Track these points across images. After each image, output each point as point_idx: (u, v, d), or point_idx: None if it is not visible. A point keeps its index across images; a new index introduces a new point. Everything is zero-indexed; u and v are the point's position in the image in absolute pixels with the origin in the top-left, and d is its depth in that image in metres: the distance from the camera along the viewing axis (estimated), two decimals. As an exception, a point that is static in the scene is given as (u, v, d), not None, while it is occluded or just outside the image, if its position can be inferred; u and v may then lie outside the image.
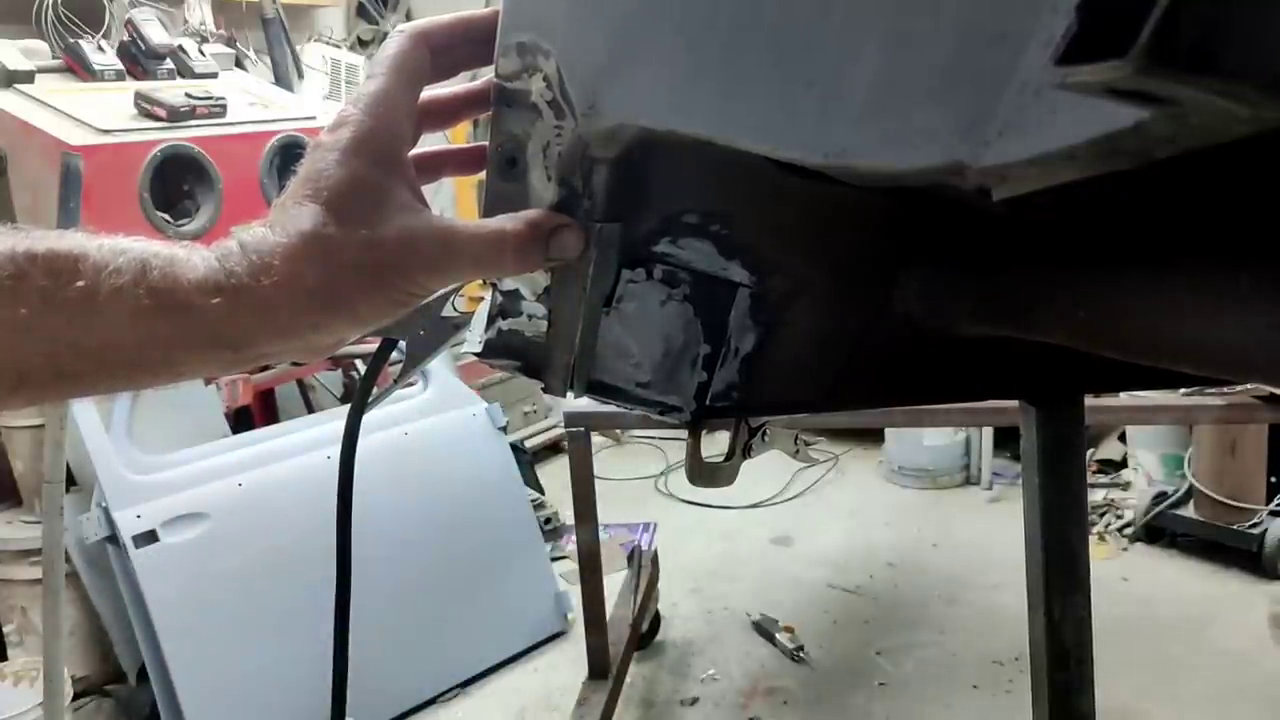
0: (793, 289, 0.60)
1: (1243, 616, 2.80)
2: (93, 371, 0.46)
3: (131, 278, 0.44)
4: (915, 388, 0.67)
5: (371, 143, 0.48)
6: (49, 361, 0.45)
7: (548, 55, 0.47)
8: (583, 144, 0.49)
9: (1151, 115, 0.28)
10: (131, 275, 0.44)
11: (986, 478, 3.76)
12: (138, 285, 0.44)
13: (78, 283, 0.44)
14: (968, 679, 2.59)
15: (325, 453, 2.52)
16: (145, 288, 0.44)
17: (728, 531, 3.50)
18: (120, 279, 0.44)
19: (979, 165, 0.35)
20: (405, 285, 0.48)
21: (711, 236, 0.57)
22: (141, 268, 0.45)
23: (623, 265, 0.56)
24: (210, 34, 3.08)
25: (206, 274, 0.45)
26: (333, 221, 0.46)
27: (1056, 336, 0.54)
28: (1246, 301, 0.40)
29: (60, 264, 0.44)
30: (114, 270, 0.44)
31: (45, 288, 0.43)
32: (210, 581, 2.28)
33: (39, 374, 0.45)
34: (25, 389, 0.45)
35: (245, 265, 0.45)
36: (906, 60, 0.36)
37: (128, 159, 2.22)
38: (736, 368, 0.61)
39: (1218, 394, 2.04)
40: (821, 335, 0.62)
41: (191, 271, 0.45)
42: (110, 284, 0.44)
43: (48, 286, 0.44)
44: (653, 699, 2.62)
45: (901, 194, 0.54)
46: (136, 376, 0.48)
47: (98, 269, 0.44)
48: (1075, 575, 0.85)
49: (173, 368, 0.47)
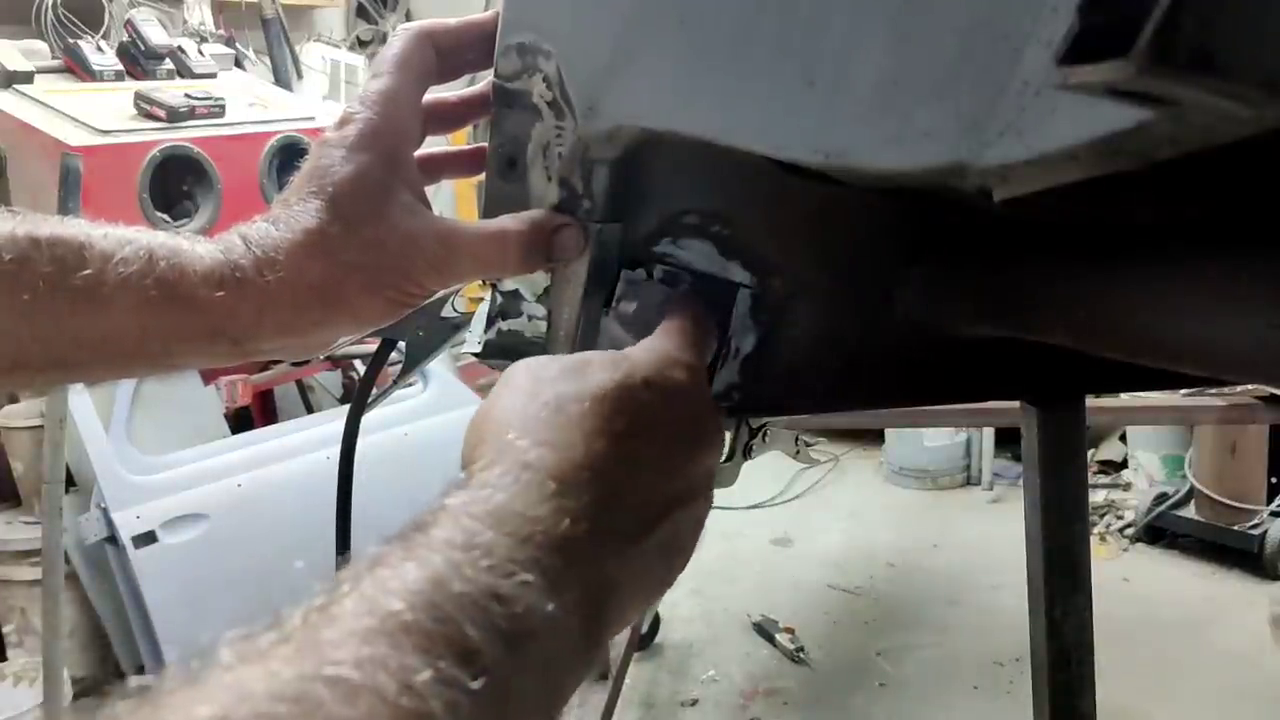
0: (793, 289, 0.60)
1: (1243, 617, 2.80)
2: (90, 360, 0.46)
3: (139, 268, 0.44)
4: (916, 388, 0.67)
5: (376, 140, 0.47)
6: (46, 348, 0.44)
7: (548, 56, 0.47)
8: (583, 145, 0.49)
9: (1152, 116, 0.28)
10: (139, 266, 0.44)
11: (987, 478, 3.76)
12: (145, 276, 0.44)
13: (84, 271, 0.43)
14: (968, 680, 2.59)
15: (325, 453, 2.51)
16: (153, 279, 0.44)
17: (728, 532, 3.49)
18: (128, 269, 0.44)
19: (980, 165, 0.35)
20: (406, 286, 0.48)
21: (712, 237, 0.57)
22: (149, 258, 0.44)
23: (623, 265, 0.56)
24: (210, 34, 3.09)
25: (212, 266, 0.45)
26: (336, 219, 0.46)
27: (1057, 337, 0.54)
28: (1247, 301, 0.40)
29: (64, 250, 0.44)
30: (121, 260, 0.44)
31: (50, 274, 0.43)
32: (210, 582, 2.28)
33: (35, 360, 0.45)
34: (19, 373, 0.45)
35: (250, 259, 0.45)
36: (907, 60, 0.36)
37: (127, 159, 2.23)
38: (737, 368, 0.61)
39: (1218, 394, 2.03)
40: (822, 336, 0.62)
41: (197, 263, 0.45)
42: (117, 273, 0.44)
43: (52, 273, 0.43)
44: (653, 700, 2.62)
45: (902, 194, 0.54)
46: (133, 366, 0.48)
47: (105, 258, 0.44)
48: (1076, 576, 0.85)
49: (171, 358, 0.47)
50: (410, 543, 0.32)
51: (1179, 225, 0.45)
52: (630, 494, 0.38)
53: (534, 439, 0.37)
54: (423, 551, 0.31)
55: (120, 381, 2.02)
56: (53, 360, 0.45)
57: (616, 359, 0.42)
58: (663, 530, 0.40)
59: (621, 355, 0.42)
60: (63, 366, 0.46)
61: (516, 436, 0.37)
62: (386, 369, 0.71)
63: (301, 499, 2.41)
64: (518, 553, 0.32)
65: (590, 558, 0.35)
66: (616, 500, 0.37)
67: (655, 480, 0.40)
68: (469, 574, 0.31)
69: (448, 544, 0.32)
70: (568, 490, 0.36)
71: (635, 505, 0.38)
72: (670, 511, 0.40)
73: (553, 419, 0.38)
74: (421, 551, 0.31)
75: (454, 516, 0.33)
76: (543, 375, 0.41)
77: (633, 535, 0.38)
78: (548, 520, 0.34)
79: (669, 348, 0.44)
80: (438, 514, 0.34)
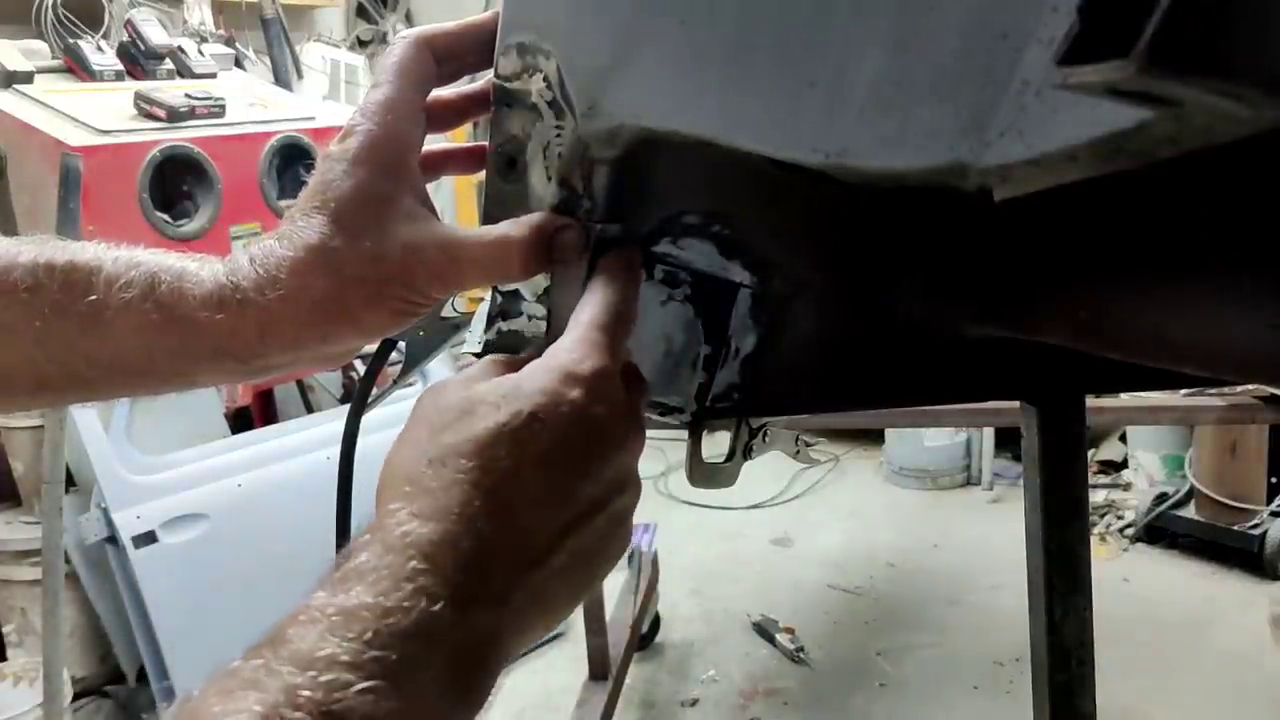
0: (794, 289, 0.60)
1: (1243, 617, 2.80)
2: (106, 378, 0.48)
3: (140, 292, 0.46)
4: (916, 388, 0.67)
5: (378, 152, 0.48)
6: (64, 369, 0.47)
7: (548, 55, 0.47)
8: (583, 144, 0.49)
9: (1153, 115, 0.28)
10: (140, 290, 0.46)
11: (987, 478, 3.76)
12: (145, 300, 0.46)
13: (90, 296, 0.46)
14: (968, 680, 2.59)
15: (325, 453, 2.51)
16: (152, 302, 0.46)
17: (728, 532, 3.49)
18: (129, 293, 0.46)
19: (980, 165, 0.35)
20: (410, 296, 0.48)
21: (712, 237, 0.57)
22: (150, 282, 0.46)
23: (623, 266, 0.56)
24: (210, 34, 3.08)
25: (213, 289, 0.46)
26: (339, 234, 0.46)
27: (1058, 337, 0.54)
28: (1248, 301, 0.40)
29: (76, 277, 0.46)
30: (125, 284, 0.46)
31: (59, 300, 0.46)
32: (209, 582, 2.28)
33: (56, 380, 0.48)
34: (45, 393, 0.48)
35: (252, 279, 0.46)
36: (908, 60, 0.36)
37: (127, 159, 2.22)
38: (737, 368, 0.61)
39: (1218, 394, 2.03)
40: (822, 336, 0.62)
41: (198, 286, 0.46)
42: (120, 298, 0.46)
43: (61, 299, 0.46)
44: (653, 700, 2.62)
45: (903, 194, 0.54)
46: (149, 384, 0.50)
47: (109, 283, 0.46)
48: (1076, 576, 0.85)
49: (183, 377, 0.49)
50: (260, 660, 0.34)
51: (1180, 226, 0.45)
52: (512, 539, 0.40)
53: (411, 508, 0.39)
54: (263, 676, 0.33)
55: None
56: (71, 381, 0.48)
57: (506, 393, 0.42)
58: (564, 551, 0.41)
59: (512, 386, 0.43)
60: (81, 386, 0.48)
61: (398, 505, 0.39)
62: (386, 369, 0.71)
63: (301, 499, 2.41)
64: (364, 655, 0.34)
65: (455, 625, 0.37)
66: (491, 557, 0.39)
67: (545, 513, 0.41)
68: (304, 697, 0.32)
69: (292, 660, 0.34)
70: (434, 567, 0.37)
71: (518, 548, 0.40)
72: (575, 528, 0.42)
73: (433, 480, 0.40)
74: (262, 675, 0.33)
75: (310, 620, 0.35)
76: (436, 421, 0.42)
77: (519, 574, 0.40)
78: (406, 606, 0.36)
79: (564, 363, 0.44)
80: (299, 615, 0.36)
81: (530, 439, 0.41)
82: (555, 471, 0.41)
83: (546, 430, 0.41)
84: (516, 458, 0.40)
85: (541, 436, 0.41)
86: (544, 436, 0.41)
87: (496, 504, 0.39)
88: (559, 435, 0.42)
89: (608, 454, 0.44)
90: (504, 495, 0.40)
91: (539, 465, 0.41)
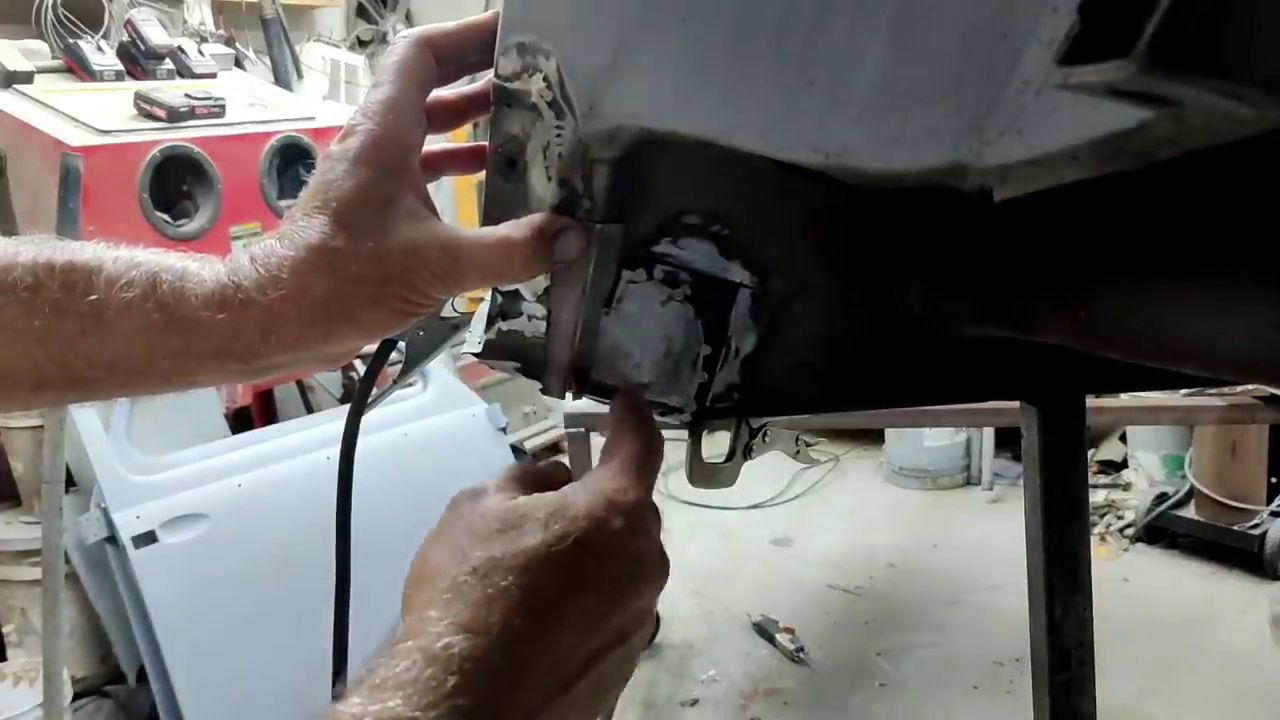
0: (793, 289, 0.60)
1: (1243, 617, 2.80)
2: (106, 379, 0.48)
3: (141, 292, 0.46)
4: (916, 388, 0.67)
5: (379, 151, 0.48)
6: (64, 369, 0.47)
7: (548, 55, 0.47)
8: (583, 145, 0.49)
9: (1153, 115, 0.28)
10: (141, 289, 0.46)
11: (987, 478, 3.76)
12: (146, 300, 0.46)
13: (90, 296, 0.46)
14: (968, 680, 2.59)
15: (325, 453, 2.51)
16: (154, 302, 0.46)
17: (728, 532, 3.50)
18: (130, 293, 0.46)
19: (980, 165, 0.35)
20: (411, 296, 0.48)
21: (712, 237, 0.57)
22: (152, 282, 0.46)
23: (623, 265, 0.56)
24: (210, 34, 3.08)
25: (214, 289, 0.46)
26: (340, 233, 0.46)
27: (1057, 337, 0.54)
28: (1248, 301, 0.40)
29: (76, 276, 0.46)
30: (125, 284, 0.46)
31: (59, 300, 0.45)
32: (209, 582, 2.27)
33: (56, 380, 0.47)
34: (45, 392, 0.48)
35: (253, 279, 0.46)
36: (908, 60, 0.36)
37: (127, 159, 2.22)
38: (737, 368, 0.61)
39: (1218, 394, 2.03)
40: (822, 336, 0.62)
41: (200, 286, 0.46)
42: (121, 298, 0.46)
43: (61, 299, 0.46)
44: (653, 700, 2.62)
45: (903, 194, 0.54)
46: (150, 384, 0.50)
47: (110, 283, 0.46)
48: (1076, 576, 0.85)
49: (185, 377, 0.49)
50: None
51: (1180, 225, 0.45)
52: (546, 663, 0.41)
53: (451, 619, 0.39)
54: None
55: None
56: (71, 380, 0.47)
57: (554, 512, 0.43)
58: (590, 676, 0.42)
59: (559, 506, 0.43)
60: (82, 386, 0.48)
61: (438, 614, 0.40)
62: (386, 369, 0.71)
63: (301, 499, 2.41)
64: None
65: None
66: (525, 678, 0.40)
67: (582, 638, 0.42)
68: None
69: None
70: (471, 684, 0.38)
71: (551, 671, 0.41)
72: (601, 656, 0.43)
73: (475, 592, 0.40)
74: None
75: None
76: (479, 529, 0.43)
77: (548, 699, 0.41)
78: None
79: (609, 490, 0.45)
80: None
81: (575, 565, 0.42)
82: (593, 600, 0.42)
83: (591, 558, 0.42)
84: (560, 582, 0.41)
85: (586, 564, 0.42)
86: (588, 564, 0.42)
87: (538, 627, 0.40)
88: (602, 565, 0.43)
89: (641, 590, 0.45)
90: (545, 619, 0.41)
91: (580, 591, 0.42)
